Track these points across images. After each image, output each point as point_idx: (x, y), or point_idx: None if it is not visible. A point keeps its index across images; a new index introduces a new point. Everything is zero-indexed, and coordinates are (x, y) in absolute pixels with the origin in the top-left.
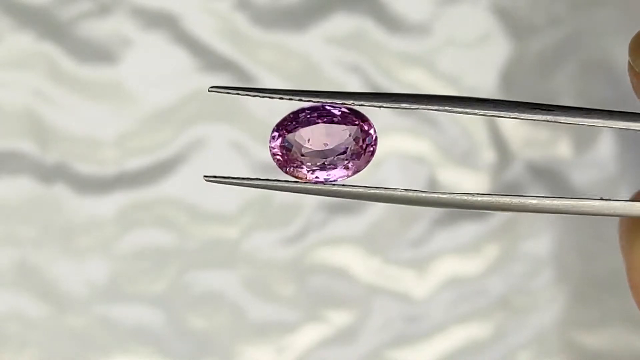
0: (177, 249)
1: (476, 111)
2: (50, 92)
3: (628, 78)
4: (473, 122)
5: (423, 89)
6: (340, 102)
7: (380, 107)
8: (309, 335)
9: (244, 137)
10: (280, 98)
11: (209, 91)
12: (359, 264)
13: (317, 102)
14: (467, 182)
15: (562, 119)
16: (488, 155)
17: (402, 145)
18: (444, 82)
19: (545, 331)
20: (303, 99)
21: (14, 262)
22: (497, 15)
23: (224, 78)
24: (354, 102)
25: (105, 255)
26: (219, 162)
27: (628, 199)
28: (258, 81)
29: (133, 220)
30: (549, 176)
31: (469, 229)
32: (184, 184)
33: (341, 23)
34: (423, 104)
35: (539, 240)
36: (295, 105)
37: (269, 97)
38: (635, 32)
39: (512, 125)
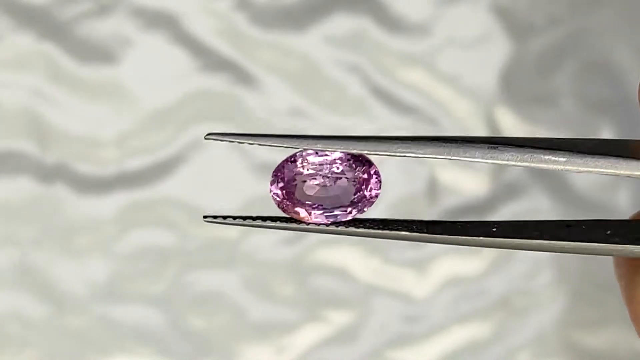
0: (177, 249)
1: (486, 159)
2: (50, 92)
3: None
4: (473, 122)
5: (423, 89)
6: (342, 150)
7: (384, 154)
8: (309, 335)
9: None
10: (279, 146)
11: (205, 139)
12: (358, 264)
13: (317, 149)
14: (467, 182)
15: (574, 168)
16: None
17: None
18: (444, 82)
19: (545, 331)
20: (301, 146)
21: (14, 262)
22: (497, 15)
23: (223, 78)
24: (356, 150)
25: (105, 255)
26: (218, 163)
27: (628, 217)
28: (258, 81)
29: (133, 220)
30: (548, 177)
31: None
32: (184, 184)
33: (341, 23)
34: (423, 149)
35: None
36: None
37: (269, 146)
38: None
39: (512, 125)
